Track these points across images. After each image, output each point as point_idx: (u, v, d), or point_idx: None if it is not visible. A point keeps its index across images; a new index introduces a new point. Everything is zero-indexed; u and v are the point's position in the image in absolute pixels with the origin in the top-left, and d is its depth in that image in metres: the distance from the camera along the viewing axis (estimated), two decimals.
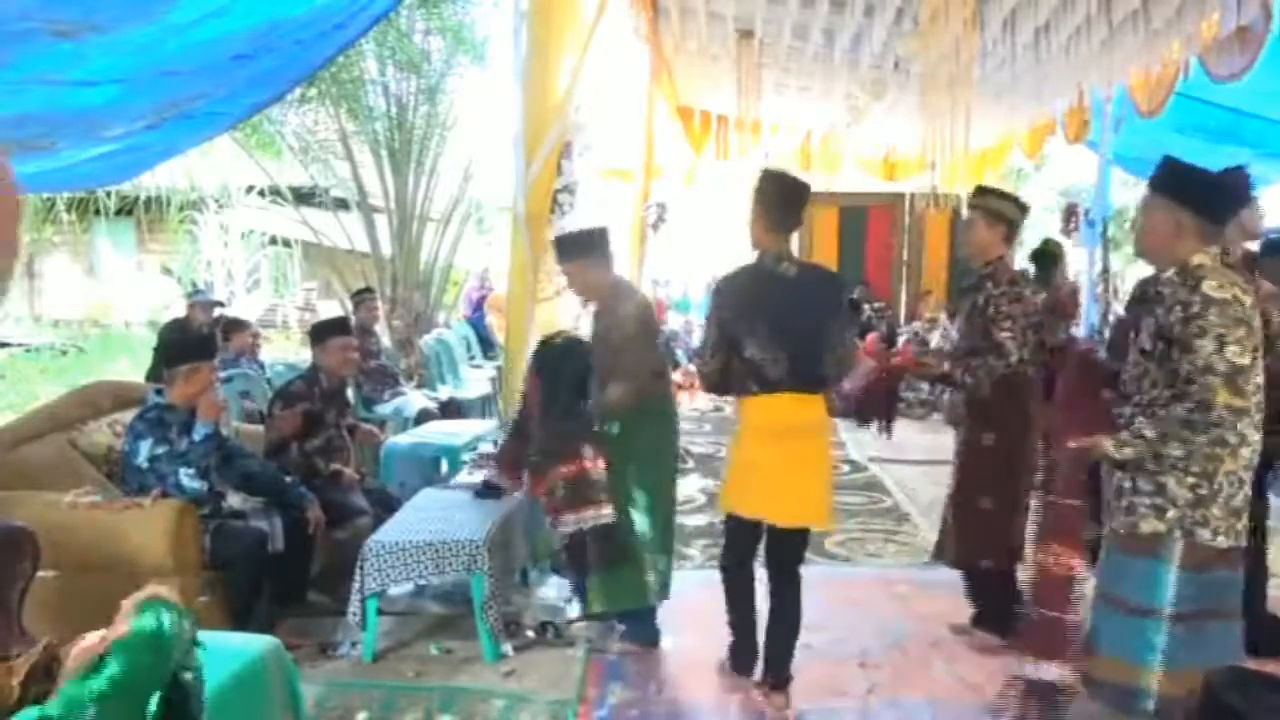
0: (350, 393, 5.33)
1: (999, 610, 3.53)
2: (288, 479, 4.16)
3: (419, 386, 7.55)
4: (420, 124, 9.14)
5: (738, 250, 4.33)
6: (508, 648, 3.73)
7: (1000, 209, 3.56)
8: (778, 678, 3.26)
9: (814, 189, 3.43)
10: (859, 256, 12.01)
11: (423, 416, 6.64)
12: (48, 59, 3.06)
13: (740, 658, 3.42)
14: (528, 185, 4.46)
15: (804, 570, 3.34)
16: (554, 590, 4.39)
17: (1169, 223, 2.39)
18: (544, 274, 4.62)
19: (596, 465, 3.52)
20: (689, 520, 5.41)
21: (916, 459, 7.04)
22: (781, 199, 3.21)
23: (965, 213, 3.84)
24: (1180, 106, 6.95)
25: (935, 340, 8.97)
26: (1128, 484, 2.41)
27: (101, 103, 3.58)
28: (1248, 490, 2.37)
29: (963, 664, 3.59)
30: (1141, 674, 2.38)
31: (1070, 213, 10.36)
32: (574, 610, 4.13)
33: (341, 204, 9.68)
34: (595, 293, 3.77)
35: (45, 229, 13.52)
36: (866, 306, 10.98)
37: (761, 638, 3.35)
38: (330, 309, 10.01)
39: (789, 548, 3.26)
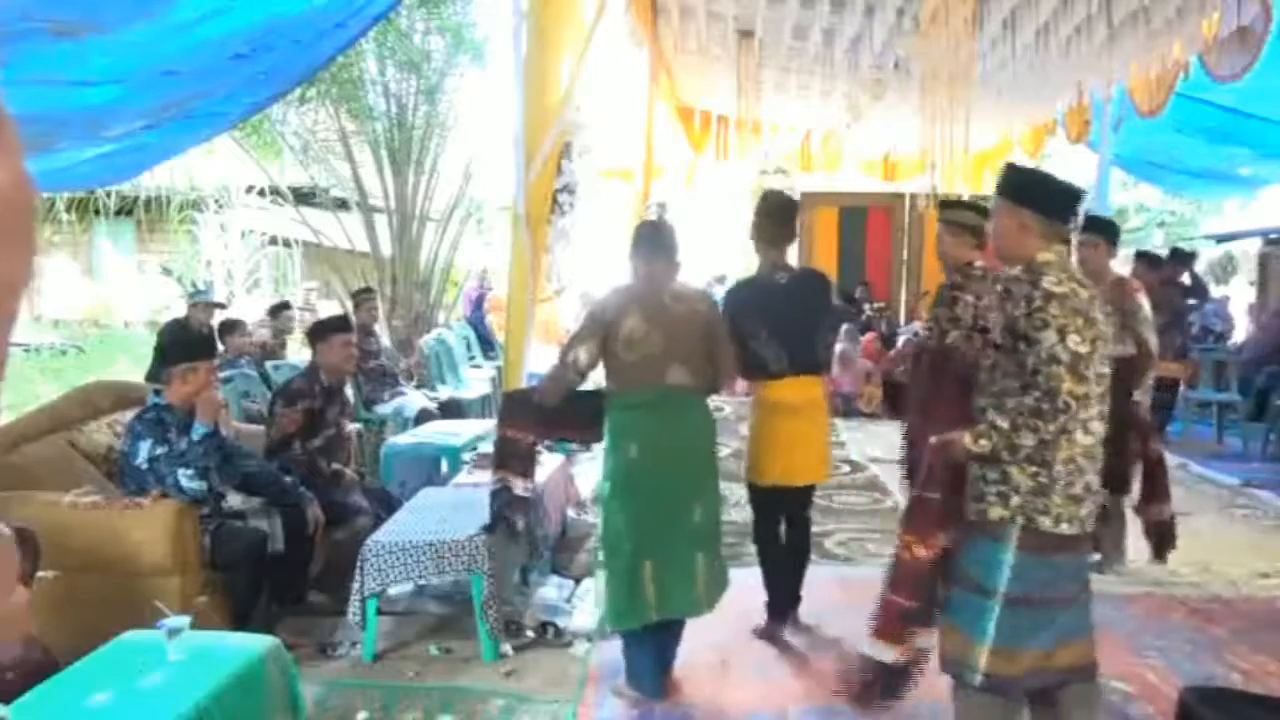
0: (350, 392, 5.33)
1: None
2: (287, 479, 4.16)
3: (419, 386, 7.55)
4: (420, 124, 9.14)
5: (737, 250, 4.34)
6: (508, 648, 3.73)
7: (961, 219, 3.72)
8: (793, 600, 3.93)
9: (814, 189, 3.56)
10: (859, 256, 12.01)
11: (423, 416, 6.64)
12: (48, 59, 3.07)
13: (775, 614, 3.91)
14: (528, 185, 4.46)
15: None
16: (554, 590, 4.39)
17: (1013, 223, 2.54)
18: (544, 274, 4.62)
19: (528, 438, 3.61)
20: None
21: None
22: (774, 217, 3.85)
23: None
24: (1180, 106, 6.96)
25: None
26: (978, 472, 2.56)
27: (101, 103, 3.59)
28: (1089, 479, 2.47)
29: None
30: (973, 648, 2.51)
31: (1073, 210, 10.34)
32: (573, 610, 4.14)
33: (341, 204, 9.68)
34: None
35: (45, 229, 13.51)
36: (866, 306, 10.98)
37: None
38: (330, 309, 10.01)
39: (801, 501, 3.94)
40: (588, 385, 3.59)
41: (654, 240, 3.45)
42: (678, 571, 3.28)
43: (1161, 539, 4.33)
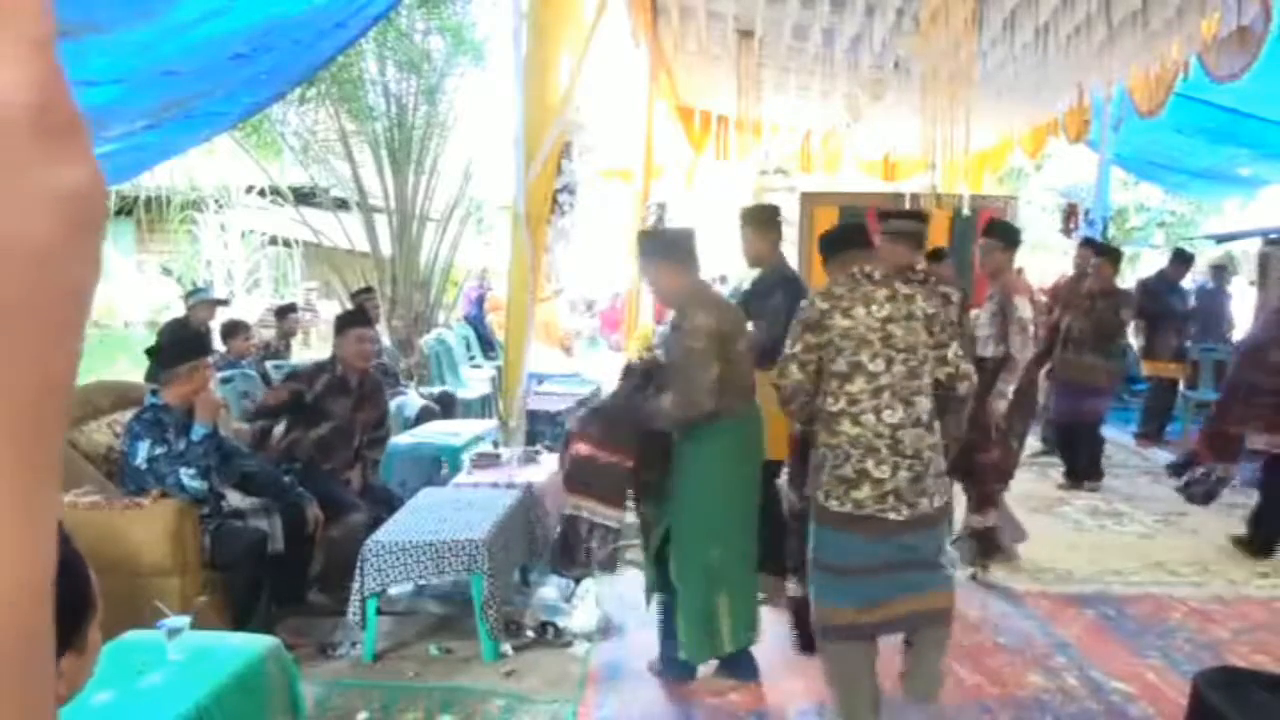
0: (392, 406, 5.40)
1: None
2: (286, 479, 4.16)
3: (419, 386, 7.55)
4: (420, 124, 9.14)
5: (737, 251, 4.36)
6: (508, 648, 3.73)
7: (901, 228, 4.12)
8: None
9: (814, 189, 3.67)
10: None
11: (423, 416, 6.64)
12: None
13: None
14: (528, 185, 4.46)
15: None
16: (554, 590, 4.39)
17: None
18: (544, 274, 4.62)
19: (625, 462, 3.33)
20: None
21: None
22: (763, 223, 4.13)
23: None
24: (1180, 106, 6.96)
25: None
26: None
27: (101, 103, 3.58)
28: (862, 465, 2.76)
29: (962, 664, 3.59)
30: (814, 604, 2.95)
31: (1070, 212, 10.37)
32: (573, 610, 4.13)
33: (341, 204, 9.68)
34: (672, 298, 3.49)
35: None
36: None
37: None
38: (330, 309, 10.01)
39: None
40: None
41: (692, 250, 3.46)
42: (749, 598, 3.45)
43: (982, 547, 4.43)
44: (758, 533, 3.55)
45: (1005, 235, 4.77)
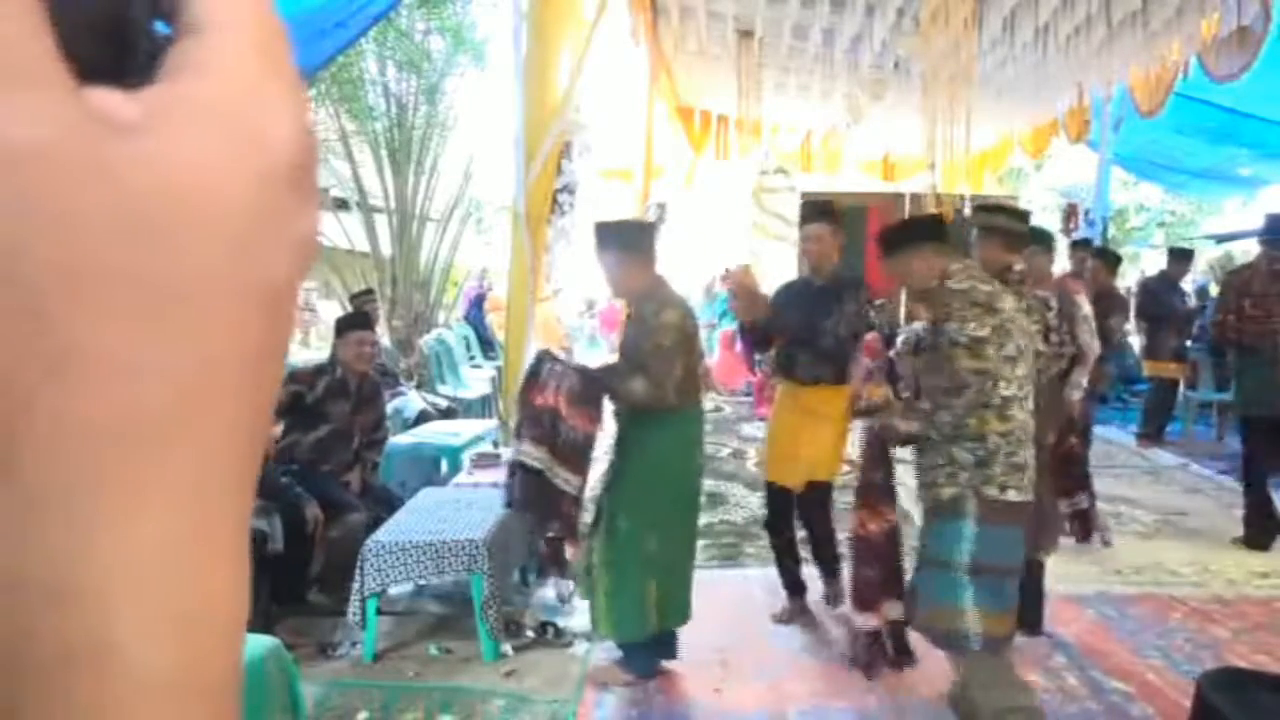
0: (389, 407, 5.37)
1: None
2: (283, 480, 4.16)
3: (419, 387, 7.55)
4: (420, 124, 9.14)
5: (737, 250, 4.35)
6: (508, 648, 3.73)
7: (992, 223, 3.89)
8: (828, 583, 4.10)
9: (814, 189, 3.64)
10: (859, 256, 12.00)
11: (423, 417, 6.64)
12: None
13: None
14: (528, 185, 4.46)
15: (804, 570, 3.88)
16: (554, 590, 4.39)
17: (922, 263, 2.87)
18: (544, 274, 4.63)
19: (590, 428, 3.35)
20: None
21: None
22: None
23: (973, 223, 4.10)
24: (1180, 107, 6.97)
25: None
26: (925, 461, 2.81)
27: None
28: (1028, 454, 2.70)
29: None
30: (962, 617, 2.68)
31: (1070, 212, 10.37)
32: (573, 610, 4.13)
33: (341, 204, 9.68)
34: (628, 292, 3.46)
35: None
36: (867, 306, 10.97)
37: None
38: (330, 309, 10.02)
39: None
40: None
41: (652, 244, 3.47)
42: (687, 582, 3.50)
43: (1083, 526, 4.52)
44: (815, 555, 3.83)
45: (1044, 239, 4.83)
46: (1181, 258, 8.07)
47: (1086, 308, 4.57)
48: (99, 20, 0.23)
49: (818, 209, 4.14)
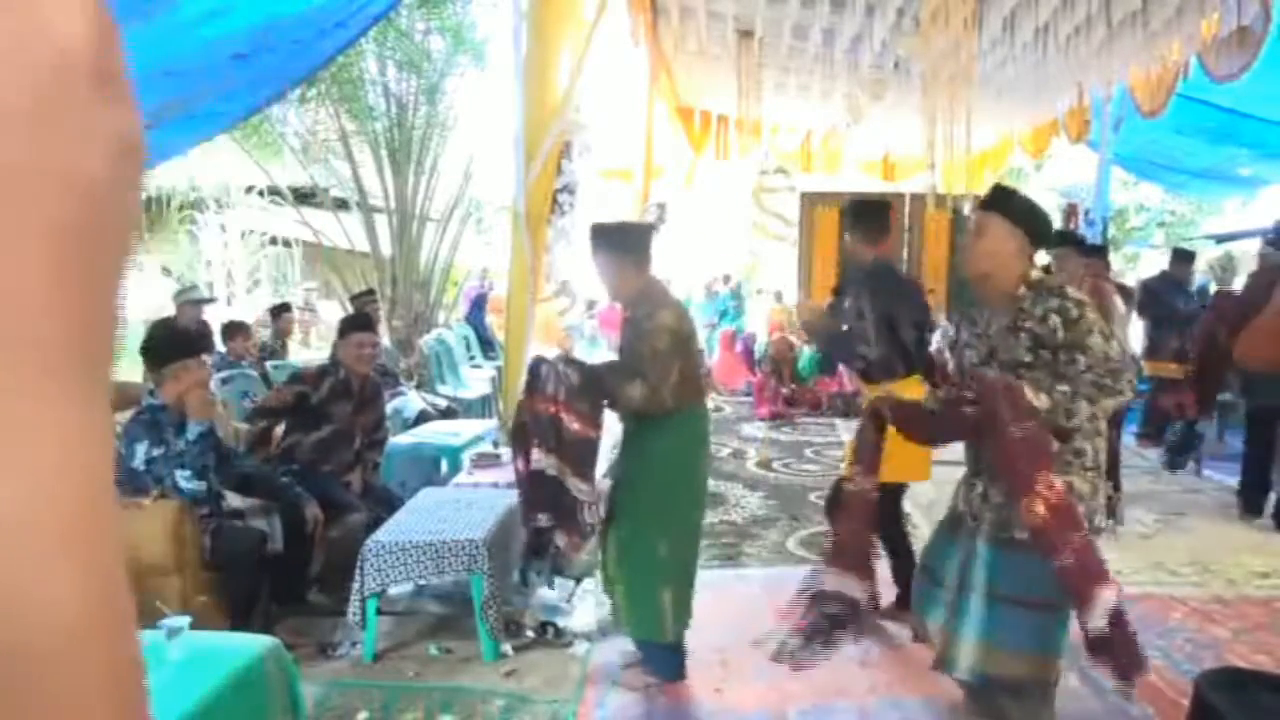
0: (389, 407, 5.40)
1: None
2: (283, 480, 4.16)
3: (419, 387, 7.54)
4: (420, 124, 9.14)
5: (738, 250, 4.35)
6: (508, 648, 3.73)
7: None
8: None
9: (814, 189, 3.63)
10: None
11: (422, 417, 6.64)
12: None
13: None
14: (528, 185, 4.46)
15: (803, 571, 3.49)
16: (554, 590, 4.39)
17: (1013, 245, 2.63)
18: (544, 274, 4.63)
19: (591, 433, 3.32)
20: None
21: None
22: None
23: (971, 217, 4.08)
24: (1180, 107, 6.96)
25: (935, 340, 8.96)
26: (993, 491, 2.57)
27: None
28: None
29: None
30: (1051, 663, 2.57)
31: (1070, 212, 10.36)
32: (573, 610, 4.14)
33: (341, 204, 9.68)
34: (620, 295, 3.43)
35: None
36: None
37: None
38: (330, 309, 10.02)
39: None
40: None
41: (647, 247, 3.44)
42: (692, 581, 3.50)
43: (1108, 511, 4.56)
44: (892, 566, 3.74)
45: (1077, 241, 4.93)
46: (1184, 259, 8.07)
47: (1122, 308, 4.61)
48: None
49: (851, 211, 4.20)
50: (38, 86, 0.22)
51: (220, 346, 6.62)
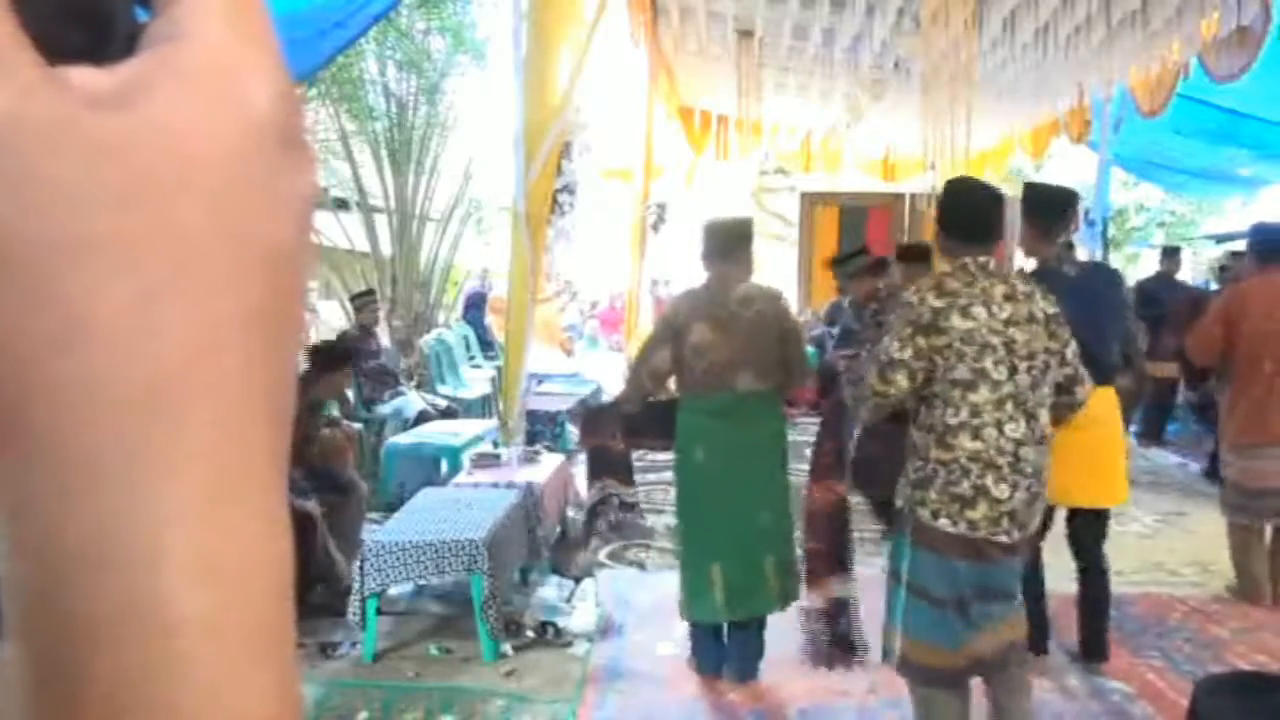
0: (350, 393, 5.35)
1: None
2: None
3: (419, 387, 7.54)
4: (420, 124, 9.14)
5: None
6: (508, 648, 3.73)
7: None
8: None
9: (814, 189, 3.63)
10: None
11: (422, 417, 6.64)
12: None
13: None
14: (528, 185, 4.46)
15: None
16: (554, 590, 4.39)
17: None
18: (544, 274, 4.63)
19: (617, 445, 3.70)
20: None
21: None
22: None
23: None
24: (1179, 108, 6.96)
25: None
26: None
27: None
28: (981, 482, 2.46)
29: None
30: (893, 634, 2.63)
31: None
32: (573, 610, 4.14)
33: (341, 204, 9.68)
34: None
35: None
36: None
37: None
38: (330, 309, 10.02)
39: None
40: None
41: (719, 242, 3.44)
42: (746, 575, 3.36)
43: None
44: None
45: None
46: (1171, 255, 8.26)
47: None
48: (74, 5, 0.23)
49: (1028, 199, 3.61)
50: (236, 154, 0.22)
51: None
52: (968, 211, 2.66)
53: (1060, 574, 4.63)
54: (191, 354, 0.21)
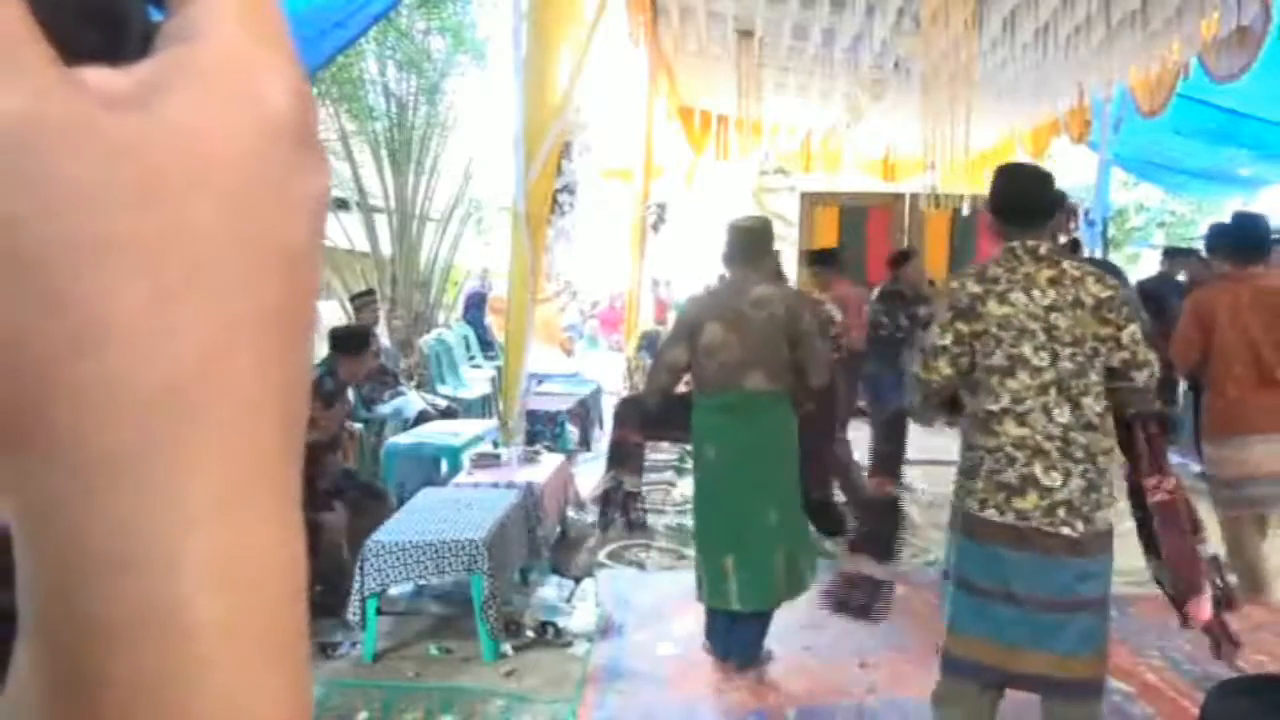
0: (350, 393, 5.33)
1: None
2: None
3: (419, 387, 7.54)
4: (420, 124, 9.14)
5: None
6: (508, 648, 3.73)
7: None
8: None
9: (814, 189, 3.73)
10: (859, 256, 11.99)
11: (422, 417, 6.63)
12: None
13: None
14: (528, 185, 4.46)
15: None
16: (554, 590, 4.39)
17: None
18: (544, 274, 4.63)
19: (633, 438, 4.02)
20: (688, 520, 5.40)
21: (916, 459, 7.02)
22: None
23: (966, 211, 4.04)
24: (1179, 108, 6.96)
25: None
26: None
27: None
28: (1028, 470, 2.42)
29: None
30: (945, 630, 2.61)
31: (1070, 213, 10.36)
32: (573, 610, 4.14)
33: (341, 204, 9.67)
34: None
35: None
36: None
37: None
38: (330, 309, 10.02)
39: None
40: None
41: (736, 245, 3.53)
42: (755, 569, 3.43)
43: None
44: None
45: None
46: (1172, 256, 8.24)
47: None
48: (90, 5, 0.23)
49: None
50: (252, 154, 0.22)
51: None
52: (1015, 194, 2.61)
53: None
54: (208, 355, 0.21)
